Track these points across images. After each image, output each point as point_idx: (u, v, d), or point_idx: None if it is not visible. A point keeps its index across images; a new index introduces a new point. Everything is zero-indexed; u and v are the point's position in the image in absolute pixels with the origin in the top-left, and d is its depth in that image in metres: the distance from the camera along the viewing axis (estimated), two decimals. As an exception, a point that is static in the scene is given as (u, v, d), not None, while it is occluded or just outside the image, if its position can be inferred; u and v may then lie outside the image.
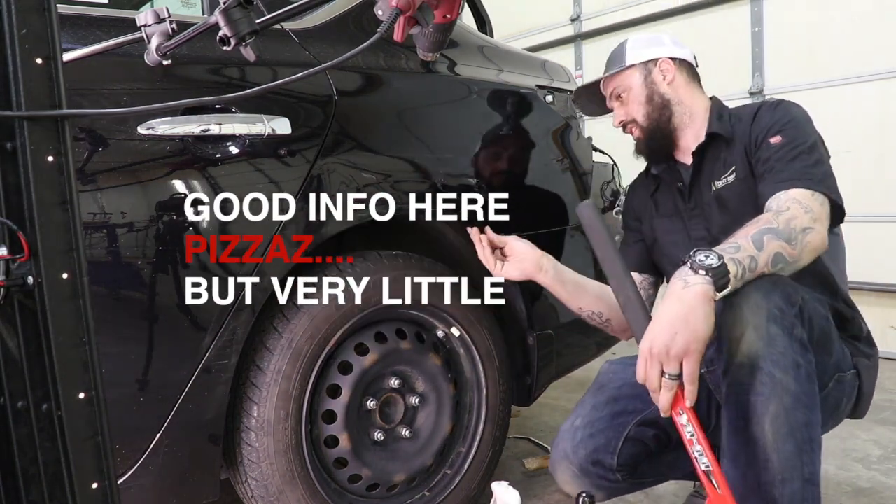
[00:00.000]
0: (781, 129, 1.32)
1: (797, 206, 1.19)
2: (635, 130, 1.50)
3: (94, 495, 0.73)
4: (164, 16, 1.11)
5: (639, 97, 1.48)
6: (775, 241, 1.13)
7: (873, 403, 2.35)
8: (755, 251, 1.11)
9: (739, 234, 1.14)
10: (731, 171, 1.39)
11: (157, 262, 1.23)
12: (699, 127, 1.46)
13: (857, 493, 1.82)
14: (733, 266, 1.09)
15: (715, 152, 1.43)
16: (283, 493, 1.38)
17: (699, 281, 1.07)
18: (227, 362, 1.30)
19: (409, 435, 1.57)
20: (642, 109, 1.47)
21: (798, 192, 1.22)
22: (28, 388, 0.70)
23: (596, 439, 1.34)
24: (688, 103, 1.47)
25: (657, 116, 1.46)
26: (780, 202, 1.21)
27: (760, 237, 1.12)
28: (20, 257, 0.69)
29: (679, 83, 1.48)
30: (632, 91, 1.48)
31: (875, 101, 3.13)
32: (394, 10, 1.08)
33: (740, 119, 1.41)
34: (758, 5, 3.47)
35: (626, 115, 1.50)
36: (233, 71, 1.35)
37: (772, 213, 1.18)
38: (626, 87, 1.49)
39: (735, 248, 1.11)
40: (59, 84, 0.70)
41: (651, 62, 1.48)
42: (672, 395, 1.07)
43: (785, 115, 1.34)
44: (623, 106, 1.51)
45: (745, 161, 1.36)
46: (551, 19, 4.56)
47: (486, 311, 1.68)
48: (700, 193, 1.45)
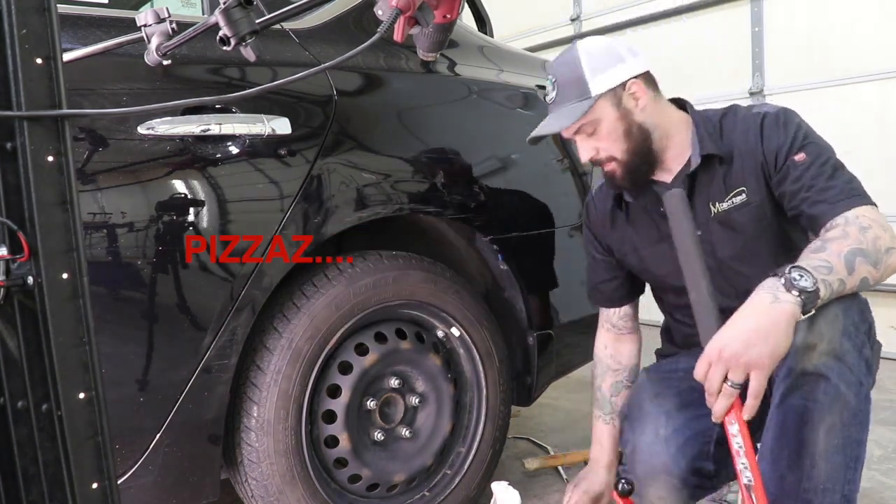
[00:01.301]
0: (802, 146, 1.25)
1: (876, 225, 1.14)
2: (611, 165, 1.35)
3: (94, 495, 0.73)
4: (164, 16, 1.11)
5: (614, 132, 1.32)
6: (865, 264, 1.09)
7: (874, 403, 2.34)
8: (846, 274, 1.08)
9: (831, 250, 1.09)
10: (737, 191, 1.31)
11: (157, 262, 1.23)
12: (680, 143, 1.36)
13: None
14: (824, 289, 1.06)
15: (709, 171, 1.33)
16: (283, 493, 1.39)
17: (790, 300, 1.04)
18: (227, 362, 1.30)
19: (409, 435, 1.57)
20: (621, 145, 1.32)
21: (862, 210, 1.17)
22: (28, 388, 0.70)
23: (691, 447, 1.27)
24: (663, 124, 1.35)
25: (638, 149, 1.33)
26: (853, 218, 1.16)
27: (853, 259, 1.08)
28: (20, 257, 0.69)
29: (650, 104, 1.33)
30: (603, 125, 1.31)
31: (875, 101, 3.13)
32: (394, 10, 1.08)
33: (736, 132, 1.32)
34: (758, 5, 3.47)
35: (599, 151, 1.34)
36: (233, 71, 1.36)
37: (857, 229, 1.12)
38: (596, 122, 1.31)
39: (827, 268, 1.07)
40: (59, 84, 0.70)
41: (619, 87, 1.31)
42: (730, 403, 1.04)
43: (797, 129, 1.27)
44: (593, 141, 1.34)
45: (762, 183, 1.28)
46: (551, 19, 4.56)
47: (486, 311, 1.68)
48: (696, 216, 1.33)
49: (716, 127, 1.35)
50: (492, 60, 1.84)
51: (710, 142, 1.32)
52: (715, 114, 1.38)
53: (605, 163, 1.35)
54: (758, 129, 1.29)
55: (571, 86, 1.31)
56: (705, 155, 1.32)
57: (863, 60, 3.14)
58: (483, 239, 1.68)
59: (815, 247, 1.12)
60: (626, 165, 1.33)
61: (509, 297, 1.77)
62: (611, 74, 1.30)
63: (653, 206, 1.39)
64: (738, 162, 1.31)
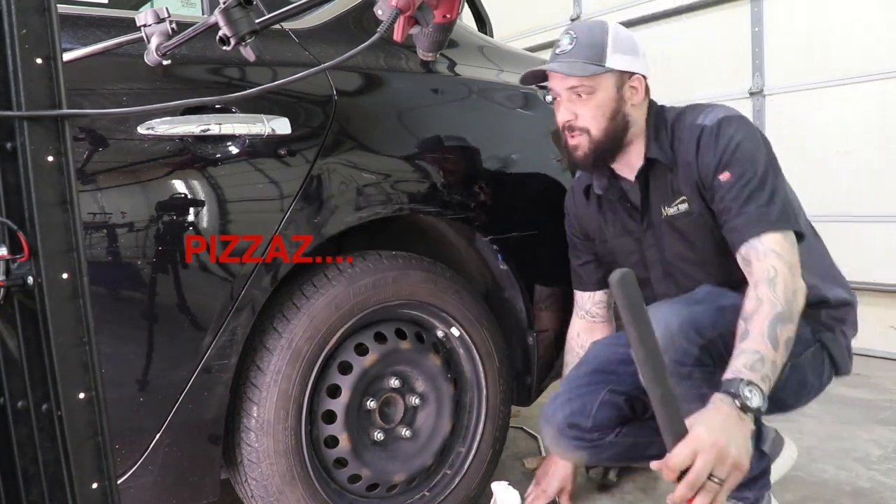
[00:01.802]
0: (727, 163, 1.30)
1: (779, 263, 1.22)
2: (580, 138, 1.39)
3: (94, 495, 0.73)
4: (163, 16, 1.11)
5: (602, 108, 1.36)
6: (785, 329, 1.17)
7: (873, 403, 2.34)
8: (774, 353, 1.15)
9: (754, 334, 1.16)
10: (680, 199, 1.38)
11: (157, 262, 1.23)
12: (641, 142, 1.42)
13: (857, 493, 1.82)
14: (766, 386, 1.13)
15: (659, 175, 1.41)
16: (283, 494, 1.39)
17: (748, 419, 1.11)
18: (227, 362, 1.30)
19: (409, 435, 1.57)
20: (601, 123, 1.37)
21: (770, 239, 1.25)
22: (28, 388, 0.70)
23: (572, 404, 1.44)
24: (639, 122, 1.42)
25: (612, 134, 1.38)
26: (758, 254, 1.24)
27: (774, 332, 1.16)
28: (20, 257, 0.69)
29: (641, 104, 1.41)
30: (596, 98, 1.36)
31: (875, 101, 3.13)
32: (394, 10, 1.08)
33: (681, 140, 1.37)
34: (758, 5, 3.47)
35: (578, 118, 1.38)
36: (233, 71, 1.36)
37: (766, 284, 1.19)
38: (594, 90, 1.36)
39: (761, 360, 1.14)
40: (59, 84, 0.70)
41: (626, 74, 1.38)
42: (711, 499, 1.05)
43: (728, 144, 1.31)
44: (578, 106, 1.38)
45: (698, 195, 1.35)
46: (551, 19, 4.56)
47: (486, 311, 1.68)
48: (650, 214, 1.44)
49: (668, 129, 1.40)
50: (492, 60, 1.84)
51: (656, 146, 1.39)
52: (672, 114, 1.43)
53: (576, 133, 1.39)
54: (695, 144, 1.35)
55: (589, 48, 1.35)
56: (648, 158, 1.39)
57: (863, 60, 3.14)
58: (483, 239, 1.68)
59: (741, 333, 1.19)
60: (595, 143, 1.38)
61: (509, 297, 1.77)
62: (627, 60, 1.37)
63: (619, 200, 1.47)
64: (682, 171, 1.37)
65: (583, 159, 1.41)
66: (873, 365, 3.06)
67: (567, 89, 1.38)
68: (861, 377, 2.89)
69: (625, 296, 1.00)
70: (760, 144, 1.33)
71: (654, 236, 1.45)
